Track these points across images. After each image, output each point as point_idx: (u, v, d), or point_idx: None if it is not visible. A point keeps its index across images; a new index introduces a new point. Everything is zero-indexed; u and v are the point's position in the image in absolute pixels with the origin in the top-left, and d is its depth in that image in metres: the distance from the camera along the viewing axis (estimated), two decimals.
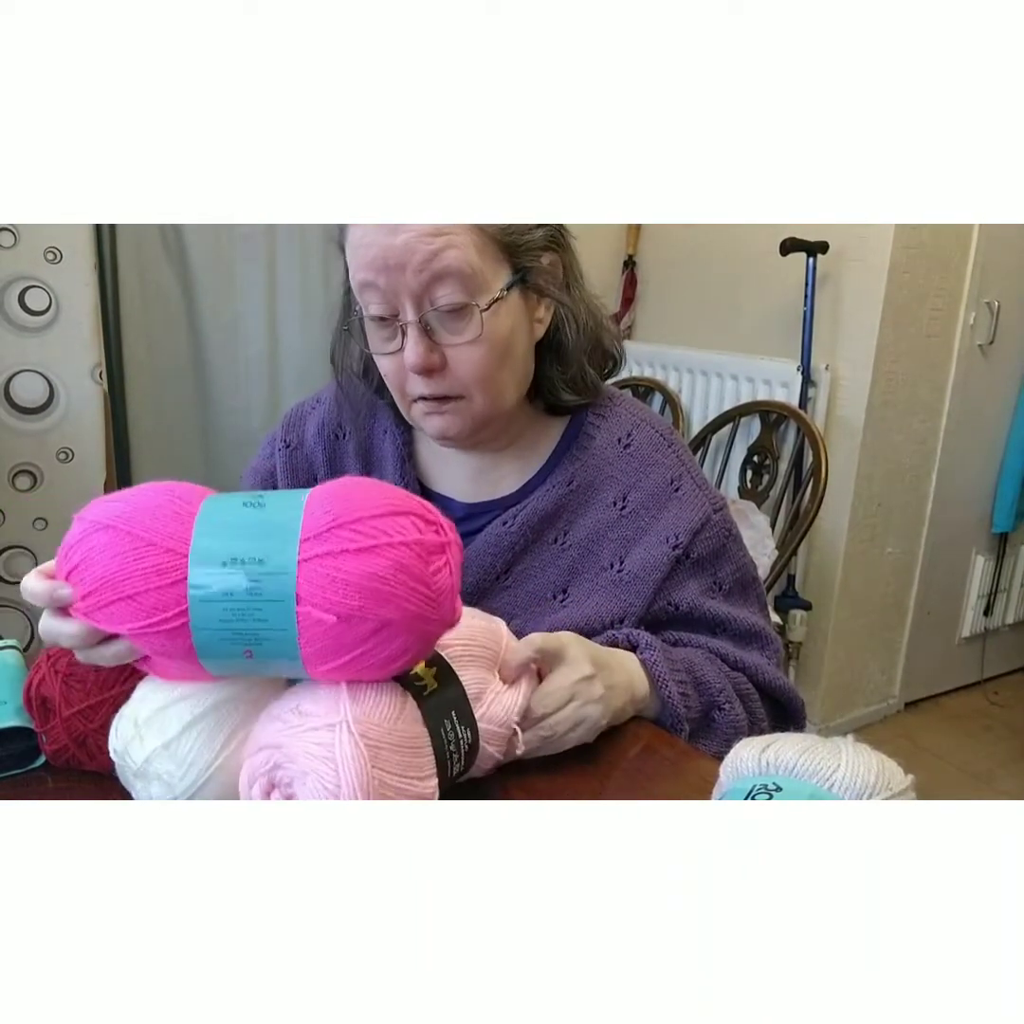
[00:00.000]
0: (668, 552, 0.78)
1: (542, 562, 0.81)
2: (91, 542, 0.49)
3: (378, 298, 0.71)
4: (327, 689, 0.52)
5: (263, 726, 0.52)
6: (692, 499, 0.80)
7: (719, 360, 2.25)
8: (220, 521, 0.49)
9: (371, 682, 0.52)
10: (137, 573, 0.47)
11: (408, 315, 0.71)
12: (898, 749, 0.45)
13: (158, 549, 0.48)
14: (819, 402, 2.06)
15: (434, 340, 0.72)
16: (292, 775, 0.49)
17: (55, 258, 1.69)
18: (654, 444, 0.83)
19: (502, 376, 0.75)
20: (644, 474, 0.81)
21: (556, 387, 0.81)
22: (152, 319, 2.02)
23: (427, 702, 0.54)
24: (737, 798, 0.45)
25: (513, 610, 0.79)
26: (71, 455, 1.78)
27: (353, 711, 0.50)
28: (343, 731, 0.49)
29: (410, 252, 0.68)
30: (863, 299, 1.97)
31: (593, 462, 0.82)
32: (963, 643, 2.47)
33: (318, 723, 0.50)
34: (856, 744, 0.46)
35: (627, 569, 0.79)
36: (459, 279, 0.69)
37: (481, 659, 0.61)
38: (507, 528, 0.80)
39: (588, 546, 0.80)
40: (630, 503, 0.80)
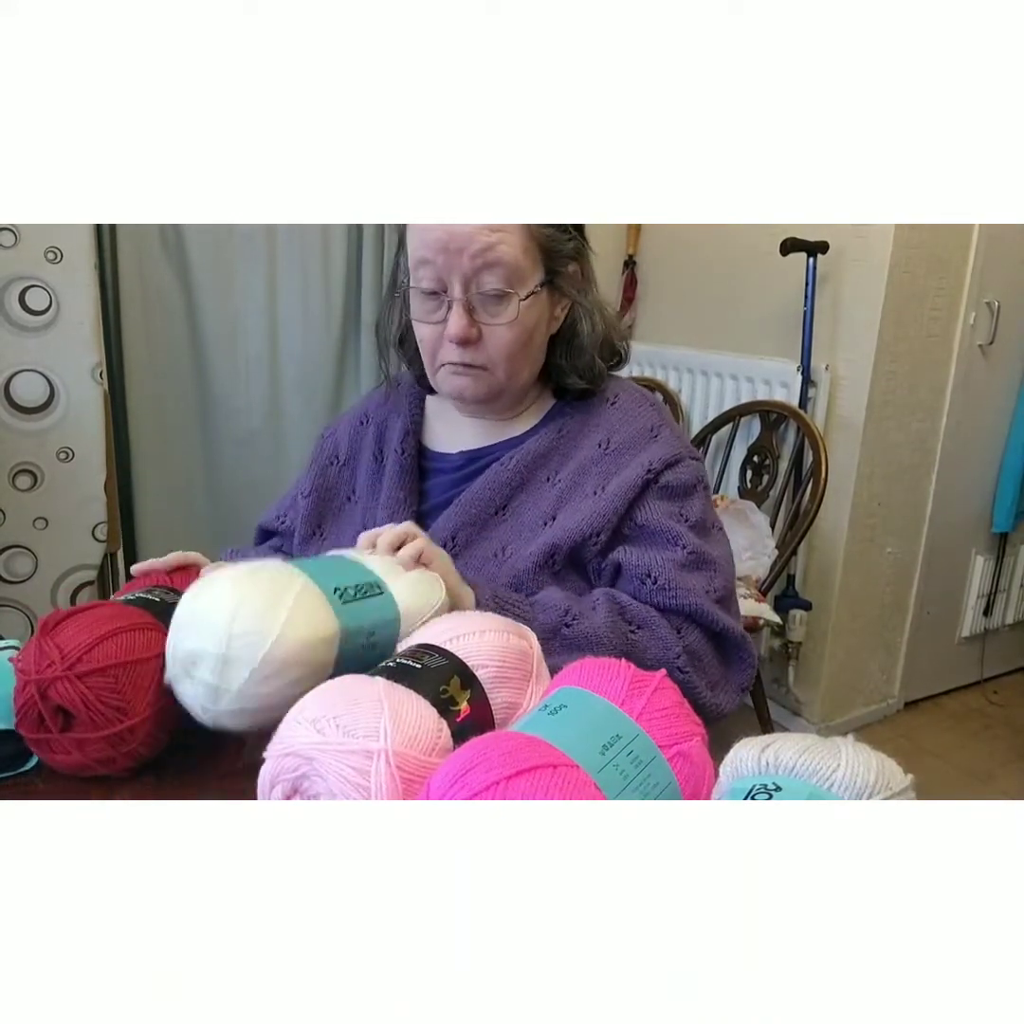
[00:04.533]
0: (642, 475, 0.87)
1: (535, 498, 0.90)
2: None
3: (432, 274, 0.83)
4: (370, 704, 0.50)
5: (294, 729, 0.50)
6: (669, 441, 0.91)
7: (719, 360, 2.25)
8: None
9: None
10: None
11: (455, 292, 0.83)
12: (898, 749, 0.44)
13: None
14: (819, 402, 2.06)
15: (474, 317, 0.84)
16: (320, 791, 0.48)
17: (55, 258, 1.69)
18: (637, 402, 0.95)
19: (521, 358, 0.88)
20: (626, 423, 0.92)
21: (566, 374, 0.94)
22: (152, 319, 2.02)
23: (459, 729, 0.53)
24: (737, 798, 0.45)
25: (508, 538, 0.89)
26: (71, 455, 1.79)
27: (394, 739, 0.49)
28: (381, 761, 0.48)
29: (470, 240, 0.80)
30: (863, 299, 1.97)
31: (581, 416, 0.94)
32: (963, 643, 2.47)
33: (356, 747, 0.48)
34: (856, 744, 0.46)
35: (608, 491, 0.88)
36: (505, 270, 0.82)
37: (512, 680, 0.60)
38: (504, 467, 0.91)
39: (574, 479, 0.90)
40: (613, 444, 0.91)
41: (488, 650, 0.60)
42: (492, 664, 0.59)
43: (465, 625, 0.62)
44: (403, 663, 0.57)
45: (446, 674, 0.56)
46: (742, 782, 0.46)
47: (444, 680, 0.56)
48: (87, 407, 1.77)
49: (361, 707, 0.50)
